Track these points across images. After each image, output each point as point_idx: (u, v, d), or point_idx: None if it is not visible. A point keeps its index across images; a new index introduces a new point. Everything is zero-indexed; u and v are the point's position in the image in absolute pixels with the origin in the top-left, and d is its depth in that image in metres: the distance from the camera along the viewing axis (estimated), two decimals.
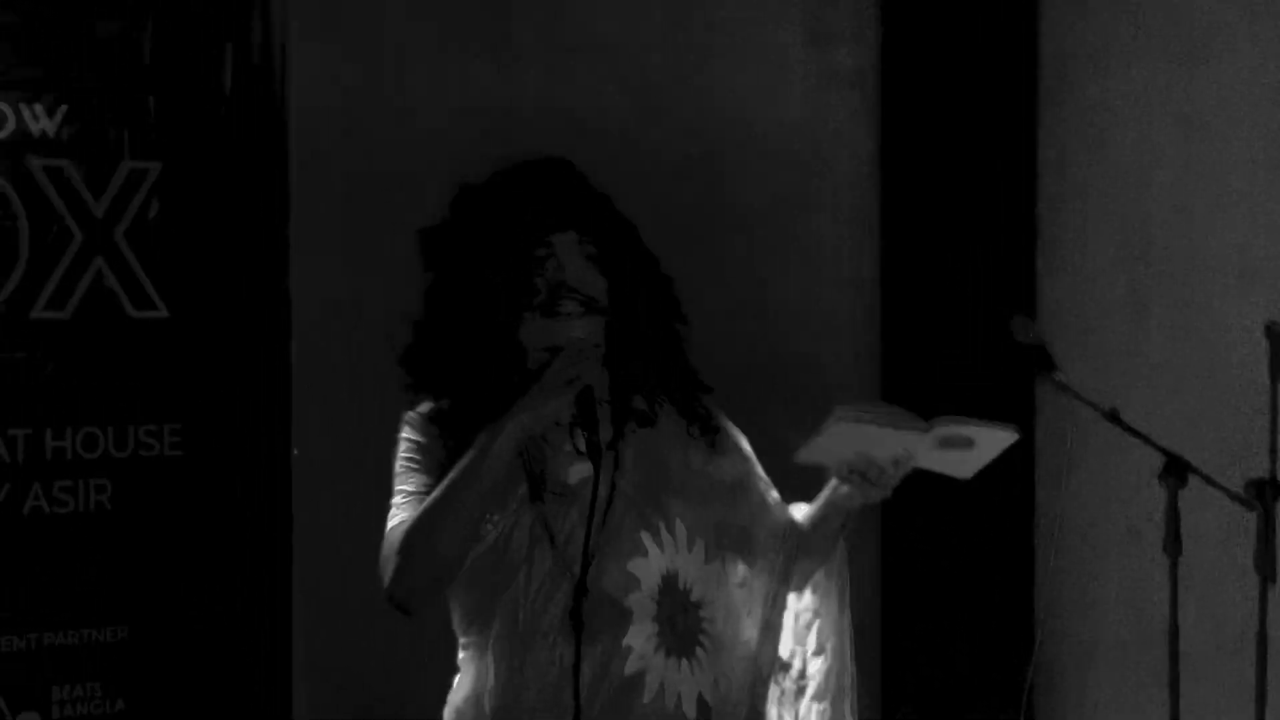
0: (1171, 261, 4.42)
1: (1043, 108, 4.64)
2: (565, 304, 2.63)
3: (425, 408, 2.71)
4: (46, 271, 3.61)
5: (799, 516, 2.82)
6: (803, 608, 2.88)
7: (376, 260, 3.88)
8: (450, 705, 2.72)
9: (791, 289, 4.64)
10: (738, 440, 2.83)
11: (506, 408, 2.56)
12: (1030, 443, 4.49)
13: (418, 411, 2.71)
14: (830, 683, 2.86)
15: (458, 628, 2.72)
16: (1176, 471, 3.06)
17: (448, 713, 2.73)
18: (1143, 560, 3.58)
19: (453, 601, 2.71)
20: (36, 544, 3.61)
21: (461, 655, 2.72)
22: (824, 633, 2.87)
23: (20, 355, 3.60)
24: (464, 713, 2.69)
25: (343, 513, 3.61)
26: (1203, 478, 3.08)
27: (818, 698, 2.86)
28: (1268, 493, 3.16)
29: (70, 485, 3.65)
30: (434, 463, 2.64)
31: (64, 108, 3.62)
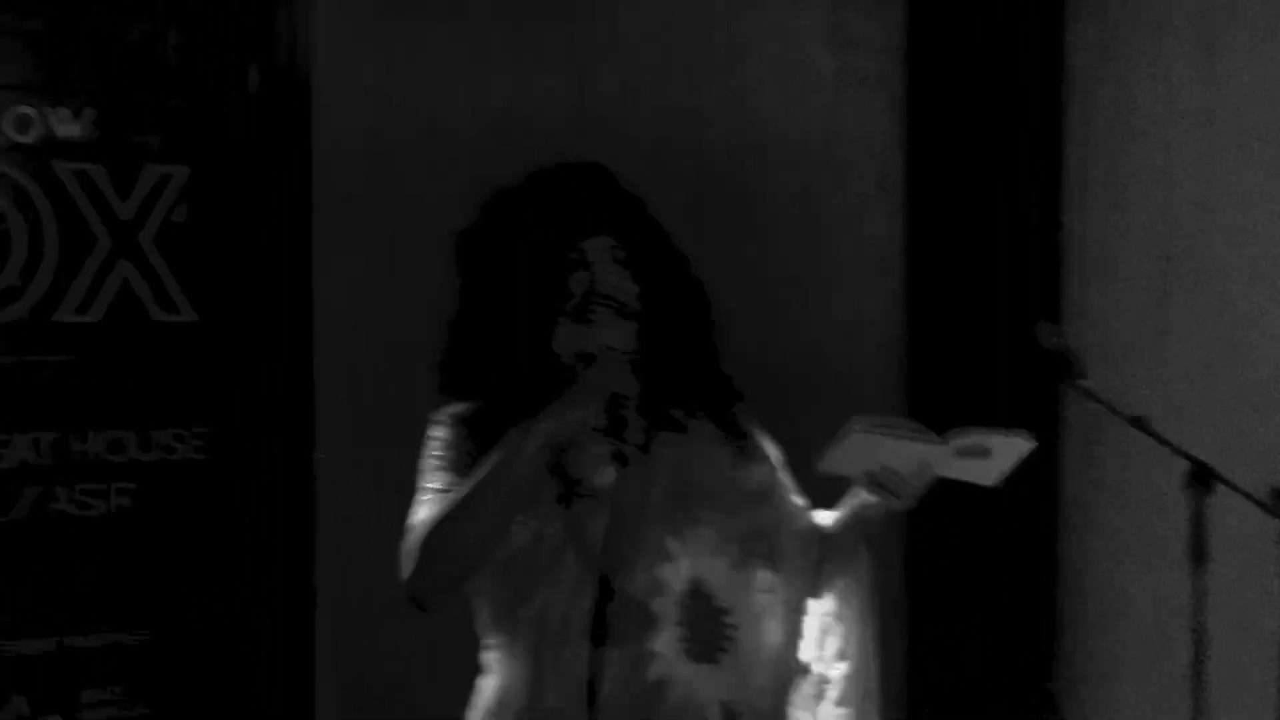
0: (1196, 264, 4.40)
1: (1067, 110, 4.63)
2: (597, 310, 2.63)
3: (455, 408, 2.70)
4: (73, 275, 3.63)
5: (825, 523, 2.82)
6: (825, 613, 2.87)
7: (400, 264, 3.89)
8: (475, 708, 2.72)
9: (816, 293, 4.63)
10: (766, 447, 2.82)
11: (537, 412, 2.56)
12: (1055, 449, 4.48)
13: (448, 411, 2.71)
14: (852, 689, 2.85)
15: (483, 629, 2.71)
16: (1202, 479, 3.05)
17: (472, 715, 2.72)
18: (1168, 567, 3.56)
19: (478, 603, 2.70)
20: (61, 547, 3.63)
21: (487, 657, 2.72)
22: (847, 639, 2.86)
23: (47, 358, 3.61)
24: (489, 715, 2.68)
25: (365, 516, 3.61)
26: (1228, 485, 3.07)
27: (840, 703, 2.85)
28: None
29: (95, 488, 3.66)
30: (462, 462, 2.63)
31: (90, 112, 3.63)
